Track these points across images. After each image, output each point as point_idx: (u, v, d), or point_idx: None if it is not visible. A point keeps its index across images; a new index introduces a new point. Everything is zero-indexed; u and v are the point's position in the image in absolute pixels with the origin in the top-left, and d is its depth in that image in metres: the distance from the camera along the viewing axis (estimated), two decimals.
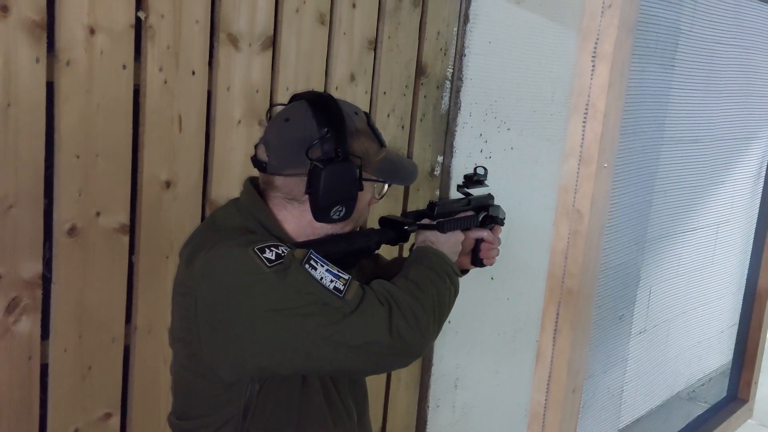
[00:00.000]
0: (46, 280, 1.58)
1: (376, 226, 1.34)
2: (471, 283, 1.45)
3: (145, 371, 1.79)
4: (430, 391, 2.60)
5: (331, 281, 1.11)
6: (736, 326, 3.23)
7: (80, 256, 1.61)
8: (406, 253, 1.51)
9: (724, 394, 3.25)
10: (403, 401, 2.56)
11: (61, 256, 1.58)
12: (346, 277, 1.13)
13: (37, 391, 1.60)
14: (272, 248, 1.11)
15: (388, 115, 2.27)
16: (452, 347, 2.54)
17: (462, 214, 1.40)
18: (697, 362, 3.17)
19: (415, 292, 1.18)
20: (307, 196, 1.18)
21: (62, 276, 1.59)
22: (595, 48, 1.18)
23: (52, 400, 1.63)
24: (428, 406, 2.62)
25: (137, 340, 1.76)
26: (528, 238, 2.18)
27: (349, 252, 1.24)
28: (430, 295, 1.19)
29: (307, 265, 1.10)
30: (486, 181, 1.44)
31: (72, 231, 1.59)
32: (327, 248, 1.19)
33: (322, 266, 1.12)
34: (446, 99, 2.45)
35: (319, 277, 1.10)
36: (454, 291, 1.27)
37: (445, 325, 1.27)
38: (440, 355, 2.56)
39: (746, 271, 3.21)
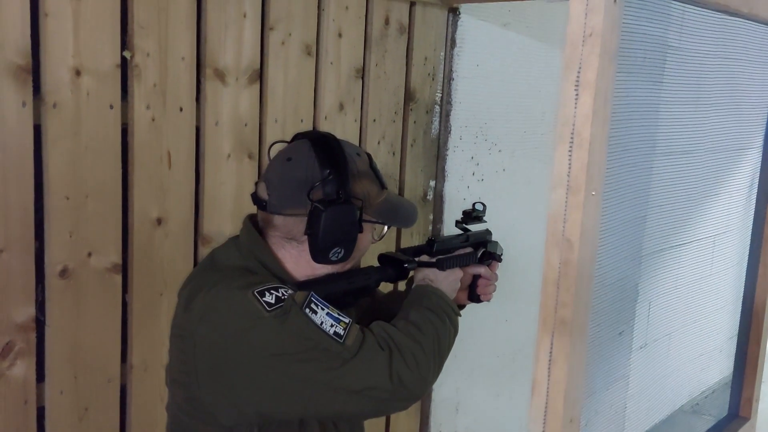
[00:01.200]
0: (40, 323, 1.58)
1: (374, 262, 1.34)
2: (468, 305, 1.46)
3: (142, 410, 1.78)
4: (431, 417, 2.58)
5: (332, 326, 1.10)
6: (736, 338, 3.21)
7: (73, 297, 1.61)
8: (401, 287, 1.50)
9: (727, 406, 3.22)
10: (403, 429, 2.54)
11: (54, 298, 1.58)
12: (347, 320, 1.12)
13: None
14: (272, 291, 1.11)
15: (379, 142, 2.27)
16: (452, 371, 2.52)
17: (461, 251, 1.39)
18: (699, 375, 3.15)
19: (415, 334, 1.17)
20: (306, 236, 1.18)
21: (56, 318, 1.59)
22: (578, 77, 1.18)
23: None
24: None
25: (133, 379, 1.75)
26: (523, 259, 2.17)
27: (349, 291, 1.23)
28: (430, 338, 1.18)
29: (307, 309, 1.10)
30: (484, 217, 1.43)
31: (64, 273, 1.58)
32: (327, 288, 1.19)
33: (323, 309, 1.11)
34: (436, 123, 2.46)
35: (319, 322, 1.10)
36: (454, 331, 1.27)
37: None
38: (440, 380, 2.53)
39: (743, 285, 3.20)
